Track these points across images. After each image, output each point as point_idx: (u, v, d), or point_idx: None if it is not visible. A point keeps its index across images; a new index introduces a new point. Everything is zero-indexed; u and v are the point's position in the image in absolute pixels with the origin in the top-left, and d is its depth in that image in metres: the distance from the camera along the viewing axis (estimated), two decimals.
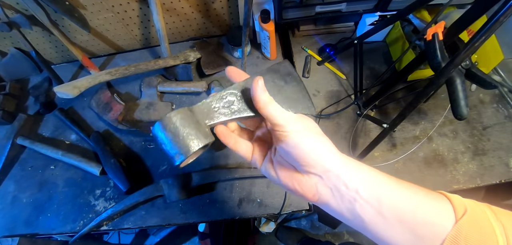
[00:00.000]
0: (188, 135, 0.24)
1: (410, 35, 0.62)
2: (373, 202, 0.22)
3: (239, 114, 0.27)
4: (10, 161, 0.75)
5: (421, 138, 0.63)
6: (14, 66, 0.83)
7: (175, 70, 0.71)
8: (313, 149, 0.24)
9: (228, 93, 0.28)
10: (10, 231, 0.68)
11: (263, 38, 0.65)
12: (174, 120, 0.24)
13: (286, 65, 0.31)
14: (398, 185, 0.23)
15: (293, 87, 0.30)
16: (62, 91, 0.57)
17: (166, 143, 0.24)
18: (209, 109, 0.27)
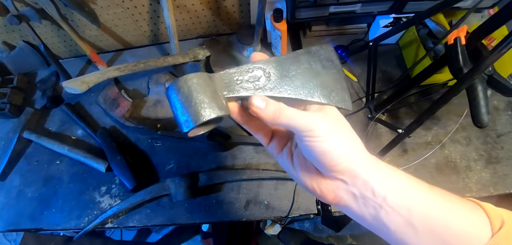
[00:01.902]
0: (201, 102, 0.22)
1: (425, 39, 0.61)
2: (402, 211, 0.21)
3: (264, 92, 0.25)
4: (16, 155, 0.75)
5: (433, 144, 0.61)
6: (22, 60, 0.82)
7: (184, 67, 0.70)
8: (343, 155, 0.22)
9: (256, 67, 0.25)
10: (14, 225, 0.68)
11: (274, 38, 0.64)
12: (189, 83, 0.22)
13: (328, 49, 0.28)
14: (430, 192, 0.22)
15: (331, 75, 0.27)
16: (70, 86, 0.56)
17: (177, 107, 0.23)
18: (231, 80, 0.25)
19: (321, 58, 0.27)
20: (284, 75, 0.26)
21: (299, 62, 0.26)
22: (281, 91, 0.25)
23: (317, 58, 0.27)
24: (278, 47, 0.66)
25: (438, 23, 0.59)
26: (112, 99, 0.74)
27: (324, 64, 0.27)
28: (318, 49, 0.27)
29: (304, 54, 0.27)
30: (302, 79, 0.26)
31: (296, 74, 0.26)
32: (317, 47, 0.28)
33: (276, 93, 0.25)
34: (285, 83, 0.25)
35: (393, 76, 0.68)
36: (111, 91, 0.75)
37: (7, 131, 0.79)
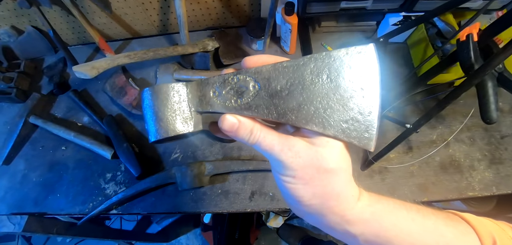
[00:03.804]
0: (172, 115, 0.22)
1: (434, 38, 0.61)
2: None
3: (250, 111, 0.21)
4: (21, 140, 0.75)
5: (438, 142, 0.62)
6: (30, 45, 0.82)
7: (193, 58, 0.70)
8: (319, 205, 0.21)
9: (245, 76, 0.21)
10: (18, 209, 0.68)
11: (284, 31, 0.64)
12: (163, 94, 0.22)
13: (361, 57, 0.19)
14: (412, 224, 0.22)
15: (352, 97, 0.20)
16: (80, 70, 0.56)
17: (148, 114, 0.22)
18: (205, 93, 0.22)
19: (339, 69, 0.19)
20: (276, 91, 0.20)
21: (300, 75, 0.20)
22: (266, 113, 0.21)
23: (333, 69, 0.19)
24: (287, 41, 0.67)
25: (447, 23, 0.60)
26: (120, 87, 0.74)
27: (343, 79, 0.19)
28: (340, 57, 0.19)
29: (310, 62, 0.20)
30: (300, 98, 0.20)
31: (294, 91, 0.20)
32: (339, 53, 0.19)
33: (259, 114, 0.21)
34: (274, 102, 0.20)
35: (400, 74, 0.69)
36: (118, 79, 0.75)
37: (12, 115, 0.79)
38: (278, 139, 0.21)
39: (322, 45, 0.72)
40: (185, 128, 0.22)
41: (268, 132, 0.21)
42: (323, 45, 0.71)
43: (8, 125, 0.78)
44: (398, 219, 0.22)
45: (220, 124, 0.21)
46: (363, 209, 0.21)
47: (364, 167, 0.60)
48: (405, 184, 0.59)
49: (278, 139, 0.21)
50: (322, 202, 0.21)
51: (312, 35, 0.72)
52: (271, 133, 0.21)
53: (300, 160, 0.20)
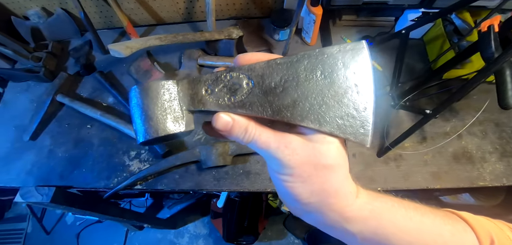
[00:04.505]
0: (162, 114, 0.21)
1: (451, 35, 0.65)
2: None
3: (244, 109, 0.21)
4: (48, 117, 0.78)
5: (451, 134, 0.65)
6: (58, 27, 0.85)
7: (217, 45, 0.74)
8: (318, 203, 0.21)
9: (239, 72, 0.21)
10: (45, 181, 0.71)
11: (307, 22, 0.67)
12: (154, 91, 0.21)
13: (353, 54, 0.20)
14: (409, 223, 0.22)
15: (346, 94, 0.20)
16: (115, 49, 0.59)
17: (137, 113, 0.21)
18: (197, 91, 0.22)
19: (332, 65, 0.20)
20: (270, 89, 0.20)
21: (294, 71, 0.20)
22: (260, 111, 0.20)
23: (327, 65, 0.20)
24: (310, 32, 0.70)
25: (464, 21, 0.63)
26: (145, 70, 0.77)
27: (337, 75, 0.20)
28: (333, 54, 0.20)
29: (303, 59, 0.20)
30: (294, 95, 0.20)
31: (288, 88, 0.20)
32: (332, 49, 0.20)
33: (253, 112, 0.20)
34: (268, 99, 0.20)
35: (415, 68, 0.72)
36: (143, 63, 0.78)
37: (39, 94, 0.82)
38: (274, 137, 0.20)
39: (342, 38, 0.75)
40: (176, 128, 0.21)
41: (263, 130, 0.21)
42: (342, 38, 0.74)
43: (35, 103, 0.82)
44: (396, 217, 0.21)
45: (213, 123, 0.21)
46: (361, 207, 0.21)
47: (381, 154, 0.63)
48: (419, 172, 0.62)
49: (274, 137, 0.20)
50: (320, 200, 0.20)
51: (332, 28, 0.76)
52: (266, 131, 0.21)
53: (297, 157, 0.20)
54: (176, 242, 1.37)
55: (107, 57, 0.85)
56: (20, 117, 0.80)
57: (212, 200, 1.21)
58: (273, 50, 0.75)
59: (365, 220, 0.21)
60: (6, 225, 1.45)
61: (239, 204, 1.12)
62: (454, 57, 0.59)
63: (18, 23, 0.84)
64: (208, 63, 0.74)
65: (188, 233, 1.37)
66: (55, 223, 1.44)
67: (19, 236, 1.42)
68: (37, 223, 1.42)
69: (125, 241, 1.39)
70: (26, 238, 1.43)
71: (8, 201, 1.49)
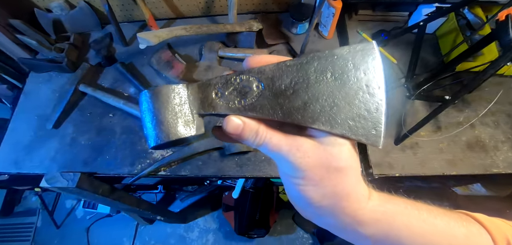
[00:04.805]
0: (173, 118, 0.21)
1: (464, 29, 0.68)
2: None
3: (254, 112, 0.21)
4: (70, 106, 0.80)
5: (464, 124, 0.68)
6: (80, 20, 0.88)
7: (237, 37, 0.76)
8: (330, 206, 0.21)
9: (248, 75, 0.21)
10: (68, 168, 0.72)
11: (326, 16, 0.70)
12: (165, 95, 0.21)
13: (363, 54, 0.20)
14: (423, 225, 0.21)
15: (357, 95, 0.20)
16: (144, 37, 0.62)
17: (147, 117, 0.21)
18: (207, 94, 0.22)
19: (343, 66, 0.20)
20: (280, 91, 0.20)
21: (305, 73, 0.20)
22: (271, 113, 0.20)
23: (337, 67, 0.20)
24: (328, 26, 0.73)
25: (476, 16, 0.66)
26: (166, 61, 0.79)
27: (347, 77, 0.20)
28: (343, 55, 0.20)
29: (313, 61, 0.20)
30: (305, 97, 0.20)
31: (299, 90, 0.20)
32: (342, 51, 0.20)
33: (264, 114, 0.20)
34: (279, 102, 0.20)
35: (429, 62, 0.74)
36: (164, 54, 0.80)
37: (61, 84, 0.84)
38: (285, 140, 0.20)
39: (357, 32, 0.78)
40: (187, 132, 0.21)
41: (274, 133, 0.21)
42: (358, 32, 0.77)
43: (57, 93, 0.83)
44: (409, 220, 0.21)
45: (224, 126, 0.21)
46: (374, 209, 0.21)
47: (398, 141, 0.65)
48: (435, 159, 0.65)
49: (285, 140, 0.20)
50: (333, 203, 0.20)
51: (348, 23, 0.78)
52: (277, 134, 0.21)
53: (309, 160, 0.19)
54: (186, 236, 1.38)
55: (127, 49, 0.87)
56: (42, 106, 0.82)
57: (223, 194, 1.22)
58: (291, 43, 0.77)
59: (378, 222, 0.21)
60: (16, 219, 1.46)
61: (251, 197, 1.14)
62: (467, 49, 0.62)
63: (40, 15, 0.86)
64: (228, 55, 0.76)
65: (198, 228, 1.39)
66: (65, 217, 1.45)
67: (29, 230, 1.43)
68: (48, 216, 1.43)
69: (135, 235, 1.40)
70: (36, 232, 1.44)
71: (18, 196, 1.50)
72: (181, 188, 1.09)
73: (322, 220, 0.22)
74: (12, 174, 0.76)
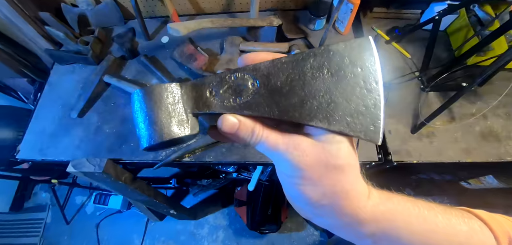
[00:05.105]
0: (167, 118, 0.20)
1: (475, 25, 0.71)
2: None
3: (250, 110, 0.20)
4: (95, 96, 0.82)
5: (476, 114, 0.71)
6: (104, 15, 0.91)
7: (258, 32, 0.80)
8: (329, 204, 0.20)
9: (243, 73, 0.21)
10: (94, 155, 0.74)
11: (344, 12, 0.74)
12: (157, 95, 0.20)
13: (359, 48, 0.20)
14: (424, 224, 0.21)
15: (354, 90, 0.20)
16: (174, 28, 0.65)
17: (140, 118, 0.21)
18: (201, 93, 0.21)
19: (339, 62, 0.20)
20: (276, 88, 0.20)
21: (300, 70, 0.20)
22: (267, 111, 0.20)
23: (333, 63, 0.20)
24: (345, 22, 0.76)
25: (486, 13, 0.70)
26: (189, 54, 0.82)
27: (344, 73, 0.20)
28: (339, 51, 0.20)
29: (309, 57, 0.20)
30: (301, 94, 0.20)
31: (295, 87, 0.20)
32: (338, 47, 0.20)
33: (260, 112, 0.20)
34: (275, 99, 0.20)
35: (440, 57, 0.78)
36: (187, 48, 0.84)
37: (85, 75, 0.87)
38: (282, 139, 0.20)
39: (372, 28, 0.81)
40: (181, 131, 0.20)
41: (271, 131, 0.20)
42: (373, 28, 0.81)
43: (80, 84, 0.86)
44: (409, 219, 0.21)
45: (219, 125, 0.20)
46: (374, 208, 0.20)
47: (415, 130, 0.68)
48: (451, 148, 0.67)
49: (282, 139, 0.20)
50: (332, 202, 0.20)
51: (363, 20, 0.82)
52: (273, 132, 0.20)
53: (307, 158, 0.19)
54: (196, 233, 1.39)
55: (149, 44, 0.90)
56: (66, 96, 0.84)
57: (236, 189, 1.24)
58: (309, 38, 0.81)
59: (378, 222, 0.20)
60: (26, 215, 1.46)
61: (263, 192, 1.16)
62: (479, 42, 0.65)
63: (67, 10, 0.89)
64: (250, 49, 0.79)
65: (208, 224, 1.39)
66: (75, 213, 1.45)
67: (38, 226, 1.43)
68: (57, 213, 1.43)
69: (145, 232, 1.40)
70: (45, 228, 1.43)
71: (28, 192, 1.51)
72: (195, 182, 1.10)
73: (321, 219, 0.22)
74: (35, 161, 0.78)
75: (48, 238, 1.42)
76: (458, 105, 0.72)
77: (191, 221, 1.40)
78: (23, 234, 1.41)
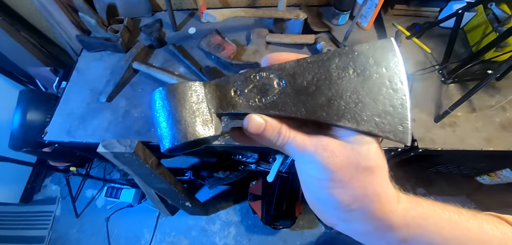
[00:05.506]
0: (191, 117, 0.19)
1: (493, 22, 0.76)
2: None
3: (276, 110, 0.20)
4: (123, 82, 0.84)
5: (496, 106, 0.74)
6: (133, 5, 0.94)
7: (284, 24, 0.83)
8: (360, 207, 0.19)
9: (268, 72, 0.21)
10: (123, 138, 0.75)
11: (368, 7, 0.78)
12: (181, 93, 0.20)
13: (382, 49, 0.20)
14: (455, 228, 0.20)
15: (380, 90, 0.20)
16: (211, 14, 0.68)
17: (162, 116, 0.20)
18: (226, 92, 0.21)
19: (364, 63, 0.20)
20: (302, 88, 0.20)
21: (326, 70, 0.20)
22: (294, 111, 0.20)
23: (358, 63, 0.20)
24: (368, 17, 0.80)
25: (503, 11, 0.75)
26: (216, 44, 0.85)
27: (370, 73, 0.20)
28: (363, 51, 0.20)
29: (334, 57, 0.20)
30: (328, 93, 0.20)
31: (321, 87, 0.20)
32: (361, 47, 0.20)
33: (286, 112, 0.20)
34: (301, 99, 0.20)
35: (458, 53, 0.82)
36: (214, 38, 0.87)
37: (113, 62, 0.90)
38: (309, 140, 0.19)
39: (393, 24, 0.85)
40: (205, 132, 0.19)
41: (297, 132, 0.20)
42: (394, 24, 0.85)
43: (108, 70, 0.88)
44: (441, 223, 0.20)
45: (245, 126, 0.20)
46: (405, 213, 0.20)
47: (438, 119, 0.71)
48: (473, 136, 0.70)
49: (309, 140, 0.19)
50: (363, 205, 0.19)
51: (384, 17, 0.86)
52: (300, 133, 0.20)
53: (337, 160, 0.18)
54: (208, 228, 1.38)
55: (176, 34, 0.93)
56: (94, 82, 0.86)
57: (250, 183, 1.24)
58: (333, 32, 0.84)
59: (409, 227, 0.20)
60: (35, 207, 1.44)
61: (279, 186, 1.17)
62: (496, 37, 0.69)
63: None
64: (276, 40, 0.83)
65: (220, 220, 1.39)
66: (85, 206, 1.44)
67: (47, 219, 1.41)
68: (67, 205, 1.42)
69: (156, 226, 1.39)
70: (55, 221, 1.42)
71: (38, 184, 1.50)
72: (212, 174, 1.11)
73: (348, 225, 0.21)
74: (63, 143, 0.79)
75: (57, 231, 1.40)
76: (477, 98, 0.75)
77: (203, 217, 1.39)
78: (32, 226, 1.40)
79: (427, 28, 0.81)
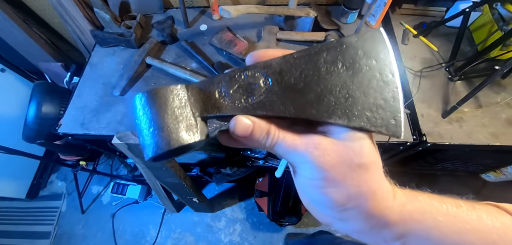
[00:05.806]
0: (174, 123, 0.18)
1: (498, 21, 0.78)
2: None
3: (264, 110, 0.19)
4: (136, 76, 0.86)
5: (501, 102, 0.76)
6: (145, 3, 0.96)
7: (295, 22, 0.85)
8: (356, 205, 0.19)
9: (253, 71, 0.20)
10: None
11: (377, 5, 0.80)
12: (162, 97, 0.19)
13: (371, 40, 0.19)
14: (458, 221, 0.20)
15: (371, 83, 0.19)
16: (227, 9, 0.70)
17: (143, 124, 0.19)
18: (210, 94, 0.20)
19: (353, 55, 0.19)
20: (290, 85, 0.19)
21: (314, 65, 0.19)
22: (282, 110, 0.19)
23: (347, 56, 0.19)
24: (377, 15, 0.82)
25: (508, 10, 0.77)
26: (228, 40, 0.87)
27: (359, 66, 0.19)
28: (352, 43, 0.19)
29: (322, 51, 0.19)
30: (317, 89, 0.19)
31: (310, 83, 0.19)
32: (350, 39, 0.19)
33: (274, 112, 0.19)
34: (289, 97, 0.19)
35: (463, 51, 0.84)
36: (225, 35, 0.89)
37: (125, 57, 0.91)
38: (300, 139, 0.19)
39: (400, 23, 0.88)
40: (190, 138, 0.18)
41: (287, 132, 0.19)
42: (401, 23, 0.87)
43: (121, 65, 0.90)
44: (439, 217, 0.19)
45: (232, 128, 0.19)
46: (401, 208, 0.19)
47: (445, 115, 0.72)
48: (480, 132, 0.72)
49: (300, 139, 0.19)
50: (358, 204, 0.18)
51: (392, 16, 0.89)
52: (289, 133, 0.19)
53: (329, 158, 0.18)
54: (213, 225, 1.38)
55: (188, 30, 0.95)
56: (107, 76, 0.88)
57: (257, 180, 1.25)
58: (341, 30, 0.86)
59: (406, 222, 0.19)
60: (41, 203, 1.45)
61: (285, 183, 1.18)
62: (501, 36, 0.71)
63: None
64: (286, 37, 0.85)
65: (225, 217, 1.40)
66: (91, 202, 1.45)
67: (53, 214, 1.41)
68: (72, 201, 1.42)
69: (162, 223, 1.40)
70: (60, 216, 1.42)
71: (44, 180, 1.50)
72: (219, 170, 1.12)
73: (344, 224, 0.20)
74: (76, 135, 0.80)
75: (62, 226, 1.40)
76: (483, 94, 0.77)
77: (208, 214, 1.40)
78: (37, 222, 1.40)
79: (434, 27, 0.84)
